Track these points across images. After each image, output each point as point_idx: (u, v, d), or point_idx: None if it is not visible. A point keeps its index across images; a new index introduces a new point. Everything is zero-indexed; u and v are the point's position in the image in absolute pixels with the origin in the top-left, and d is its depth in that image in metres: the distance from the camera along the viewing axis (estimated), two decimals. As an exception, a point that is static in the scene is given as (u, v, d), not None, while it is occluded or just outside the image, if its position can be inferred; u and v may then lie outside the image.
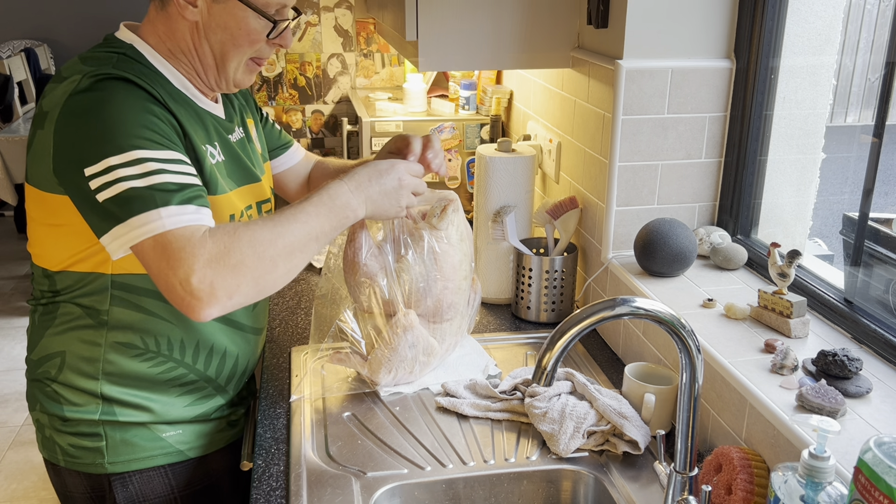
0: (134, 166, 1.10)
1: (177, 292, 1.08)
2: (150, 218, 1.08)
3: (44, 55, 5.93)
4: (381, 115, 2.35)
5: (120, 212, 1.09)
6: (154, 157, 1.12)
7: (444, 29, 1.73)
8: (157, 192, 1.10)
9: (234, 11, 1.23)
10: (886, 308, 1.29)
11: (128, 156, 1.10)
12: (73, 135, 1.13)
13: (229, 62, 1.28)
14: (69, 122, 1.13)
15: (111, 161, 1.10)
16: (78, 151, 1.12)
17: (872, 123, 1.30)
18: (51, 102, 1.17)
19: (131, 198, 1.09)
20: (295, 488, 1.23)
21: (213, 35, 1.25)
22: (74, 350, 1.28)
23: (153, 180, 1.10)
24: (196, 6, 1.22)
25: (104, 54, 1.22)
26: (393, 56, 2.88)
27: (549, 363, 1.02)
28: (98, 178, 1.10)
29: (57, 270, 1.26)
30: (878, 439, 0.84)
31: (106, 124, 1.11)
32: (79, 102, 1.13)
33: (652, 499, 1.21)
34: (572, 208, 1.76)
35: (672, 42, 1.57)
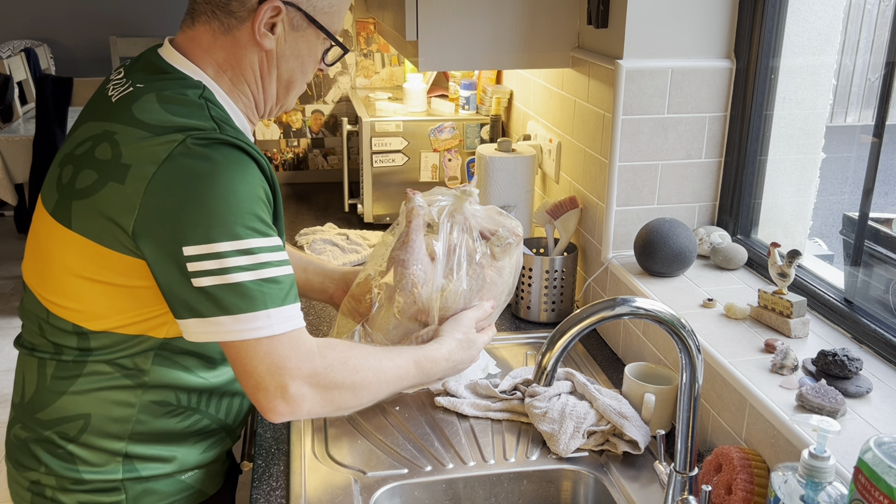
0: (244, 256, 1.03)
1: (267, 394, 1.08)
2: (259, 318, 1.05)
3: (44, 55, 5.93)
4: (381, 115, 2.35)
5: (222, 303, 1.03)
6: (263, 246, 1.05)
7: (444, 29, 1.73)
8: (267, 289, 1.05)
9: (311, 39, 1.19)
10: (886, 308, 1.29)
11: (238, 244, 1.03)
12: (177, 205, 1.02)
13: (293, 90, 1.23)
14: (168, 189, 1.02)
15: (218, 247, 1.02)
16: (180, 225, 1.02)
17: (872, 123, 1.30)
18: (136, 156, 1.04)
19: (239, 293, 1.03)
20: (295, 488, 1.23)
21: (284, 63, 1.19)
22: (103, 412, 1.16)
23: (262, 275, 1.04)
24: (275, 34, 1.15)
25: (188, 100, 1.10)
26: (393, 56, 2.88)
27: (549, 363, 1.02)
28: (200, 262, 1.02)
29: (97, 330, 1.12)
30: (878, 439, 0.84)
31: (218, 202, 1.02)
32: (182, 168, 1.02)
33: (652, 499, 1.21)
34: (572, 208, 1.77)
35: (672, 42, 1.57)
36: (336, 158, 2.97)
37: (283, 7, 1.13)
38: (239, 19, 1.13)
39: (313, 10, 1.16)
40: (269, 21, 1.13)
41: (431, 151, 2.35)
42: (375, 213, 2.38)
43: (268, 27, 1.14)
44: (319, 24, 1.17)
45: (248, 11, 1.13)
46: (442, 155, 2.36)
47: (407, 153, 2.35)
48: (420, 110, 2.43)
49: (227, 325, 1.04)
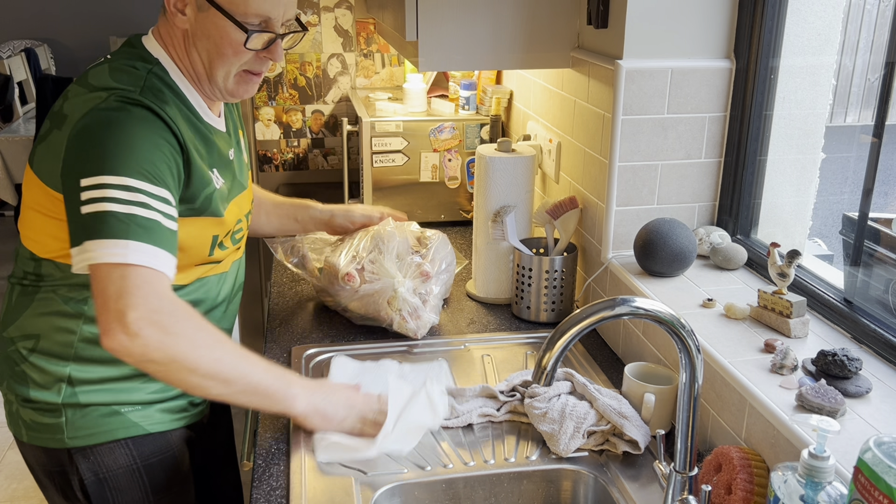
0: (122, 191, 1.14)
1: (108, 317, 1.13)
2: (118, 245, 1.13)
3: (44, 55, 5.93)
4: (381, 115, 2.35)
5: (95, 229, 1.13)
6: (144, 189, 1.16)
7: (444, 29, 1.73)
8: (134, 224, 1.14)
9: (216, 21, 1.26)
10: (886, 308, 1.29)
11: (121, 180, 1.15)
12: (84, 146, 1.17)
13: (216, 71, 1.30)
14: (84, 134, 1.18)
15: (105, 179, 1.14)
16: (82, 162, 1.16)
17: (872, 123, 1.30)
18: (73, 108, 1.22)
19: (109, 220, 1.13)
20: (295, 488, 1.23)
21: (199, 43, 1.29)
22: (50, 334, 1.30)
23: (134, 211, 1.14)
24: (185, 14, 1.27)
25: (134, 71, 1.26)
26: (393, 56, 2.88)
27: (548, 363, 1.02)
28: (88, 192, 1.14)
29: (45, 258, 1.29)
30: (878, 439, 0.84)
31: (113, 145, 1.16)
32: (98, 118, 1.18)
33: (652, 499, 1.21)
34: (572, 208, 1.77)
35: (672, 42, 1.57)
36: (336, 158, 2.97)
37: None
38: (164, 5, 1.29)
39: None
40: (178, 2, 1.26)
41: (431, 151, 2.36)
42: (375, 213, 2.38)
43: (178, 7, 1.26)
44: (217, 5, 1.24)
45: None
46: (442, 155, 2.36)
47: (407, 153, 2.35)
48: (420, 110, 2.43)
49: (90, 250, 1.13)
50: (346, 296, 1.70)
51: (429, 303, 1.70)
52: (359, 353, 1.64)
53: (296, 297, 1.92)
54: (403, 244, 1.73)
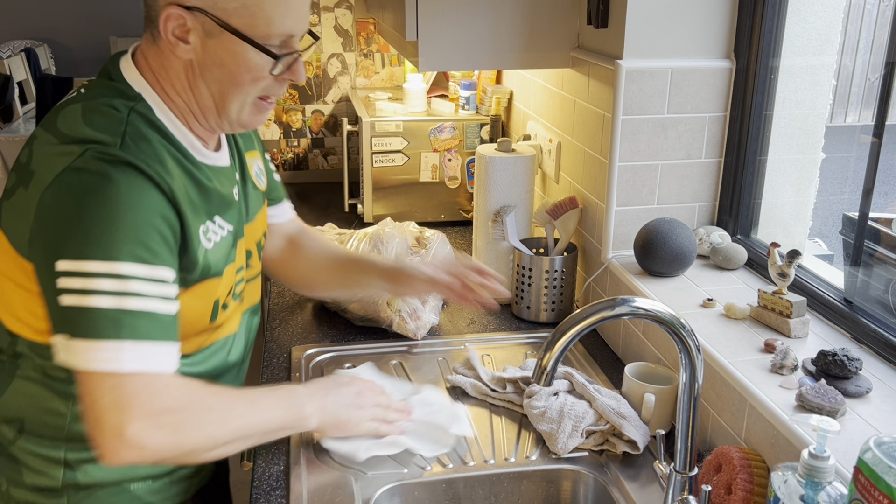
0: (110, 280, 0.98)
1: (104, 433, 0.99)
2: (110, 349, 0.99)
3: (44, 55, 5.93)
4: (381, 115, 2.35)
5: (79, 326, 0.99)
6: (137, 274, 1.00)
7: (444, 29, 1.73)
8: (127, 320, 0.99)
9: (231, 46, 1.07)
10: (886, 308, 1.29)
11: (108, 266, 0.98)
12: (58, 220, 1.00)
13: (230, 103, 1.12)
14: (57, 204, 1.00)
15: (88, 266, 0.98)
16: (57, 240, 0.99)
17: (872, 123, 1.30)
18: (41, 163, 1.03)
19: (95, 317, 0.98)
20: (295, 488, 1.23)
21: (209, 74, 1.10)
22: (36, 417, 1.14)
23: (126, 304, 0.99)
24: (188, 43, 1.08)
25: (113, 113, 1.06)
26: (393, 56, 2.88)
27: (549, 363, 1.02)
28: (67, 279, 0.98)
29: (21, 335, 1.11)
30: (878, 439, 0.84)
31: (95, 221, 0.99)
32: (73, 184, 1.00)
33: (652, 499, 1.21)
34: (572, 208, 1.77)
35: (672, 42, 1.57)
36: (336, 158, 2.97)
37: (185, 14, 1.05)
38: (158, 29, 1.08)
39: (225, 15, 1.05)
40: (178, 29, 1.06)
41: (431, 151, 2.35)
42: (375, 213, 2.38)
43: (178, 36, 1.07)
44: (233, 29, 1.06)
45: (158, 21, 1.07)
46: (442, 155, 2.36)
47: (407, 153, 2.35)
48: (420, 110, 2.43)
49: (78, 351, 0.99)
50: (346, 297, 1.70)
51: (428, 303, 1.70)
52: (359, 353, 1.64)
53: (296, 297, 1.92)
54: (402, 245, 1.73)
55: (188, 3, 1.05)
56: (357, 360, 1.60)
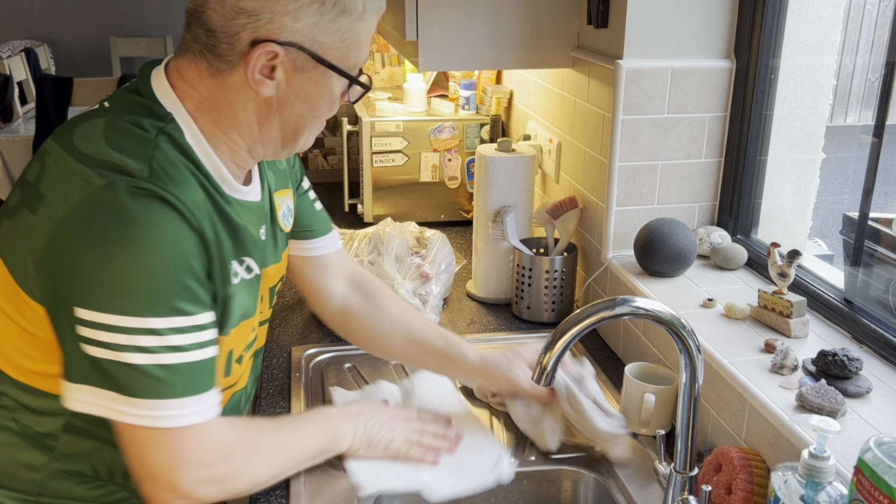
0: (146, 336, 0.90)
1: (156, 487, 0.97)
2: (156, 407, 0.93)
3: (44, 55, 5.93)
4: (381, 115, 2.35)
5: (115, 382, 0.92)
6: (175, 326, 0.92)
7: (444, 29, 1.73)
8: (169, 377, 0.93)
9: (320, 80, 1.01)
10: (886, 308, 1.29)
11: (143, 322, 0.90)
12: (76, 258, 0.90)
13: (302, 135, 1.07)
14: (75, 239, 0.90)
15: (118, 321, 0.89)
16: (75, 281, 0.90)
17: (872, 123, 1.30)
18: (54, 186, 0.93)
19: (134, 375, 0.91)
20: (295, 488, 1.23)
21: (288, 109, 1.02)
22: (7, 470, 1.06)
23: (165, 360, 0.92)
24: (273, 79, 0.99)
25: (140, 133, 0.96)
26: (393, 56, 2.87)
27: (549, 363, 1.02)
28: (92, 330, 0.90)
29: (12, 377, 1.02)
30: (878, 439, 0.84)
31: (125, 271, 0.89)
32: (96, 220, 0.89)
33: (652, 499, 1.21)
34: (572, 208, 1.76)
35: (672, 42, 1.57)
36: (336, 158, 2.97)
37: (279, 50, 0.96)
38: (229, 63, 0.98)
39: (321, 49, 0.99)
40: (265, 65, 0.98)
41: (431, 151, 2.35)
42: (375, 213, 2.38)
43: (264, 73, 0.98)
44: (330, 64, 1.00)
45: (239, 55, 0.97)
46: (442, 155, 2.36)
47: (407, 153, 2.35)
48: (420, 110, 2.43)
49: (120, 405, 0.92)
50: None
51: (429, 303, 1.70)
52: (359, 353, 1.64)
53: (296, 296, 1.92)
54: (402, 245, 1.72)
55: (282, 39, 0.96)
56: (357, 360, 1.59)
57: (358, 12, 1.00)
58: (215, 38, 0.97)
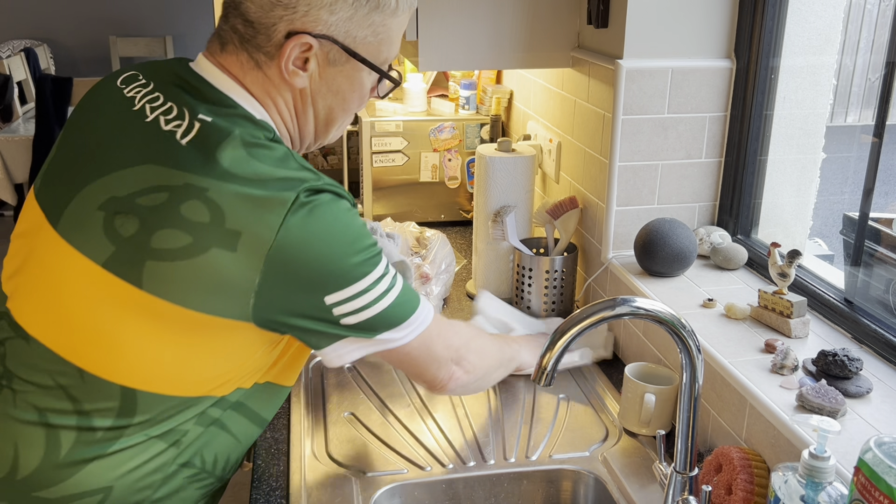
0: (381, 282, 1.02)
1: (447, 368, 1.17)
2: (420, 313, 1.09)
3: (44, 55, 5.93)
4: (381, 115, 2.35)
5: (383, 323, 1.04)
6: (387, 266, 1.04)
7: (444, 29, 1.73)
8: (409, 294, 1.08)
9: (352, 74, 1.06)
10: (887, 308, 1.29)
11: (372, 276, 1.01)
12: (305, 267, 0.96)
13: (333, 126, 1.12)
14: (298, 254, 0.95)
15: (360, 286, 0.99)
16: (313, 283, 0.97)
17: (872, 123, 1.30)
18: (243, 221, 0.93)
19: (393, 312, 1.04)
20: (295, 488, 1.23)
21: (321, 100, 1.07)
22: (129, 482, 1.02)
23: (399, 286, 1.06)
24: (306, 71, 1.02)
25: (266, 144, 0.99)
26: (393, 56, 2.87)
27: (549, 363, 1.02)
28: (344, 305, 0.99)
29: (153, 392, 1.00)
30: (879, 439, 0.84)
31: (343, 250, 0.98)
32: (305, 231, 0.95)
33: (652, 499, 1.21)
34: (572, 208, 1.76)
35: (672, 42, 1.57)
36: (336, 158, 2.96)
37: (314, 42, 1.00)
38: (267, 55, 1.01)
39: (353, 42, 1.03)
40: (299, 57, 1.01)
41: (431, 151, 2.35)
42: (375, 212, 2.38)
43: (298, 64, 1.02)
44: (362, 58, 1.04)
45: (275, 47, 1.00)
46: (442, 155, 2.36)
47: (407, 153, 2.35)
48: (420, 110, 2.43)
49: (394, 334, 1.06)
50: None
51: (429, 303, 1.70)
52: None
53: (296, 297, 1.92)
54: (403, 245, 1.72)
55: (317, 31, 1.00)
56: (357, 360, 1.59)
57: (391, 8, 1.04)
58: (253, 29, 1.00)
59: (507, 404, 1.46)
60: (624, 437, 1.36)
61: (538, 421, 1.41)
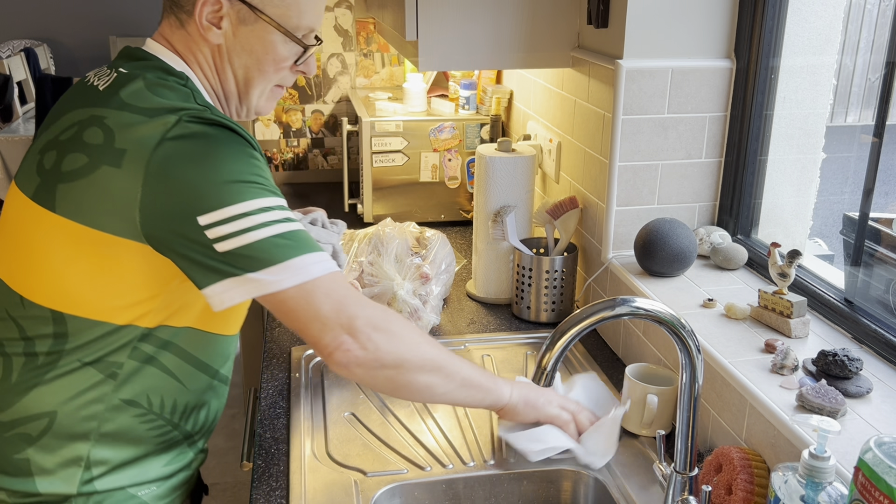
0: (265, 213, 1.02)
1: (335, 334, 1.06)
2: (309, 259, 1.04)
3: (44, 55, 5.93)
4: (381, 115, 2.35)
5: (261, 258, 1.02)
6: (278, 204, 1.05)
7: (444, 29, 1.73)
8: (300, 237, 1.05)
9: (263, 35, 1.14)
10: (887, 308, 1.29)
11: (256, 203, 1.02)
12: (180, 183, 1.01)
13: (253, 89, 1.19)
14: (173, 170, 1.01)
15: (238, 209, 1.01)
16: (190, 198, 1.01)
17: (872, 123, 1.30)
18: (129, 139, 1.02)
19: (274, 244, 1.02)
20: (295, 488, 1.23)
21: (236, 59, 1.16)
22: (71, 408, 1.10)
23: (289, 227, 1.04)
24: (220, 28, 1.13)
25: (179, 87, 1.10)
26: (393, 56, 2.87)
27: (549, 363, 1.02)
28: (217, 228, 1.00)
29: (76, 315, 1.08)
30: (879, 439, 0.84)
31: (225, 171, 1.02)
32: (182, 148, 1.02)
33: (652, 499, 1.21)
34: (572, 208, 1.76)
35: (672, 42, 1.57)
36: (336, 158, 2.97)
37: (223, 1, 1.11)
38: (187, 13, 1.13)
39: (261, 3, 1.12)
40: (212, 14, 1.12)
41: (431, 151, 2.35)
42: (375, 213, 2.38)
43: (212, 20, 1.12)
44: (268, 17, 1.13)
45: (192, 5, 1.12)
46: (442, 155, 2.36)
47: (407, 153, 2.35)
48: (420, 110, 2.43)
49: (272, 276, 1.02)
50: None
51: (429, 304, 1.70)
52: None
53: (296, 297, 1.92)
54: (402, 245, 1.72)
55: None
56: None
57: None
58: None
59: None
60: (624, 437, 1.36)
61: (538, 421, 1.41)
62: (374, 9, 2.48)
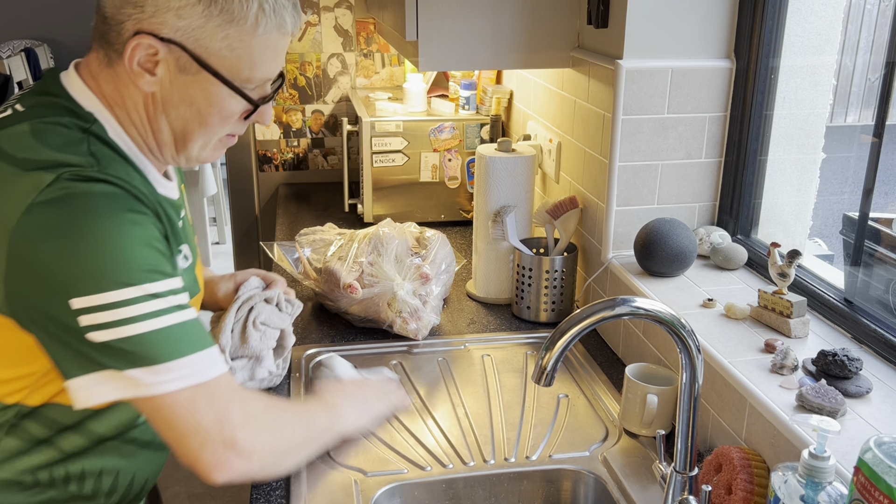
0: (150, 301, 0.91)
1: (216, 449, 0.95)
2: (186, 365, 0.93)
3: (44, 55, 5.93)
4: (381, 115, 2.35)
5: (135, 356, 0.90)
6: (168, 289, 0.93)
7: (444, 29, 1.73)
8: (187, 332, 0.94)
9: (206, 87, 0.99)
10: (886, 308, 1.29)
11: (138, 290, 0.90)
12: (52, 254, 0.88)
13: (192, 142, 1.04)
14: (39, 238, 0.87)
15: (116, 296, 0.88)
16: (61, 277, 0.88)
17: (872, 123, 1.30)
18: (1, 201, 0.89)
19: (152, 341, 0.90)
20: (295, 488, 1.23)
21: (173, 110, 1.01)
22: None
23: (176, 319, 0.93)
24: (155, 75, 0.98)
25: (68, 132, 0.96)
26: (393, 56, 2.87)
27: (549, 363, 1.02)
28: (93, 315, 0.88)
29: None
30: (878, 439, 0.84)
31: (102, 247, 0.89)
32: (52, 218, 0.88)
33: (652, 499, 1.21)
34: (572, 208, 1.76)
35: (672, 42, 1.57)
36: (336, 158, 2.97)
37: (159, 46, 0.96)
38: (117, 53, 0.98)
39: (206, 53, 0.98)
40: (146, 59, 0.97)
41: (431, 151, 2.35)
42: (375, 213, 2.38)
43: (145, 66, 0.97)
44: (213, 70, 0.98)
45: (123, 45, 0.97)
46: (442, 155, 2.36)
47: (407, 153, 2.35)
48: (420, 110, 2.43)
49: (149, 377, 0.91)
50: (347, 302, 1.70)
51: (429, 304, 1.70)
52: (359, 353, 1.64)
53: (296, 297, 1.92)
54: (402, 246, 1.72)
55: (163, 34, 0.96)
56: (357, 360, 1.60)
57: (249, 24, 0.98)
58: (107, 25, 0.99)
59: (507, 404, 1.46)
60: (624, 437, 1.36)
61: (538, 421, 1.41)
62: (374, 9, 2.48)
